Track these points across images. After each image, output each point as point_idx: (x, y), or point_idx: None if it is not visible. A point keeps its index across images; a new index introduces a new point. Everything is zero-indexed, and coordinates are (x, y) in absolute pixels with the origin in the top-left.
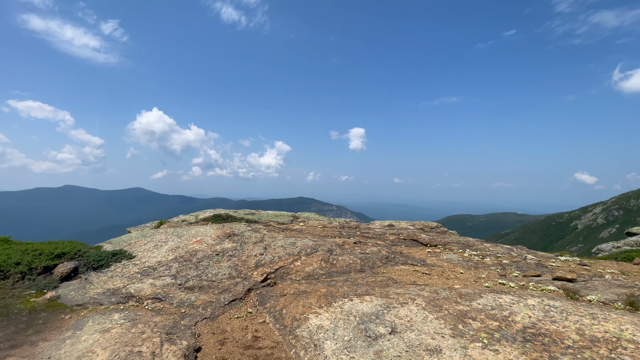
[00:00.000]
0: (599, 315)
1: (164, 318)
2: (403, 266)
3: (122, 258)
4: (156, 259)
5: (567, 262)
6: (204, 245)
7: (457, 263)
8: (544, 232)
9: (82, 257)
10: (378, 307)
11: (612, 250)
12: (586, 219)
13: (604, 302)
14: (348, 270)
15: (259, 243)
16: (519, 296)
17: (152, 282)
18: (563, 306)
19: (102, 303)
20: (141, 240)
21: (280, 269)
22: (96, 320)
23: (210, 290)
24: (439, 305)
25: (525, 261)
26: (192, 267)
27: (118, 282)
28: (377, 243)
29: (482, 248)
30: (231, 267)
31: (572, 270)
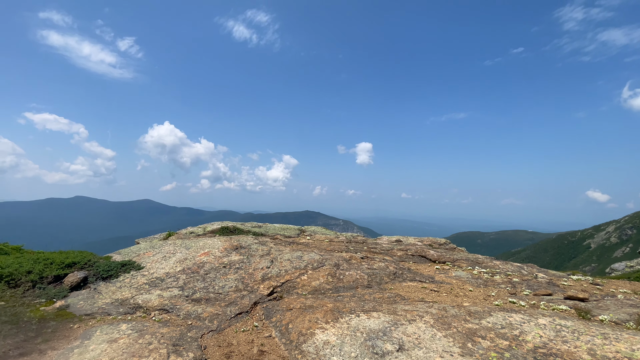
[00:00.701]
0: (611, 335)
1: (171, 329)
2: (411, 283)
3: (130, 269)
4: (164, 270)
5: (579, 281)
6: (212, 258)
7: (467, 280)
8: (556, 250)
9: (92, 267)
10: (385, 324)
11: (625, 270)
12: (599, 238)
13: (615, 322)
14: (355, 286)
15: (265, 256)
16: (529, 315)
17: (159, 294)
18: (575, 326)
19: (110, 313)
20: (150, 251)
21: (287, 282)
22: (104, 330)
23: (217, 303)
24: (447, 322)
25: (536, 280)
26: (199, 279)
27: (126, 292)
28: (384, 259)
29: (492, 265)
30: (238, 280)
31: (584, 289)
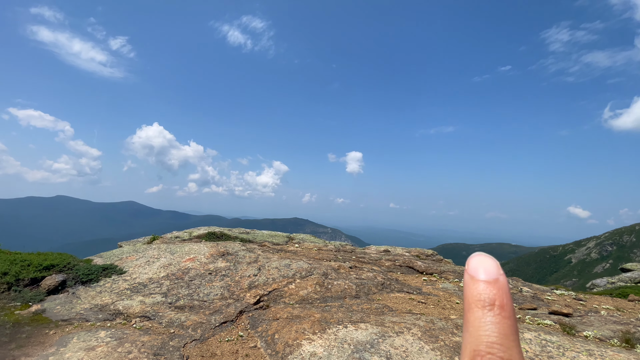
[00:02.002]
0: (596, 352)
1: (152, 338)
2: (399, 294)
3: (112, 273)
4: (147, 275)
5: (563, 296)
6: (197, 264)
7: (453, 293)
8: (538, 264)
9: (71, 270)
10: (373, 336)
11: (606, 286)
12: (580, 253)
13: (600, 338)
14: (343, 296)
15: (253, 263)
16: None
17: (141, 300)
18: (560, 341)
19: (89, 319)
20: (133, 255)
21: (274, 291)
22: (81, 337)
23: (201, 311)
24: (435, 335)
25: (521, 293)
26: (183, 286)
27: (107, 297)
28: (372, 269)
29: None
30: (224, 288)
31: (568, 304)
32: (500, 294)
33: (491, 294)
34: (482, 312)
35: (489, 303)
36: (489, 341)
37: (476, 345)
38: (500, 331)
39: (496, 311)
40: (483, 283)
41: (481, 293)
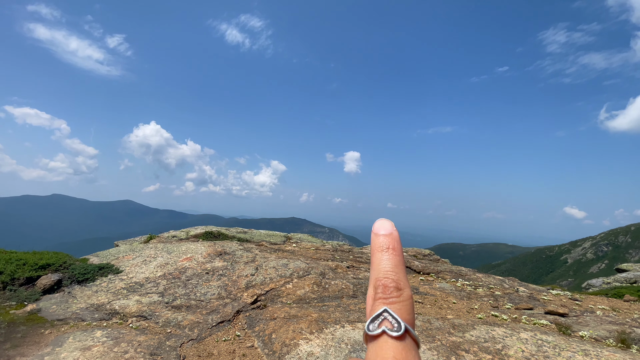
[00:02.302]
0: (592, 352)
1: (149, 338)
2: None
3: (108, 272)
4: (144, 274)
5: (559, 296)
6: (194, 263)
7: (450, 292)
8: (534, 264)
9: (67, 270)
10: None
11: (602, 286)
12: (576, 253)
13: (595, 338)
14: (340, 296)
15: (250, 263)
16: (511, 329)
17: (138, 299)
18: (556, 341)
19: (85, 319)
20: (129, 254)
21: (271, 291)
22: (77, 337)
23: (198, 311)
24: (431, 335)
25: (518, 293)
26: (180, 285)
27: (103, 297)
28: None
29: (475, 278)
30: (221, 287)
31: (563, 304)
32: (393, 241)
33: (387, 241)
34: (381, 254)
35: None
36: (385, 270)
37: (377, 274)
38: (393, 263)
39: (390, 252)
40: (382, 236)
41: (381, 242)
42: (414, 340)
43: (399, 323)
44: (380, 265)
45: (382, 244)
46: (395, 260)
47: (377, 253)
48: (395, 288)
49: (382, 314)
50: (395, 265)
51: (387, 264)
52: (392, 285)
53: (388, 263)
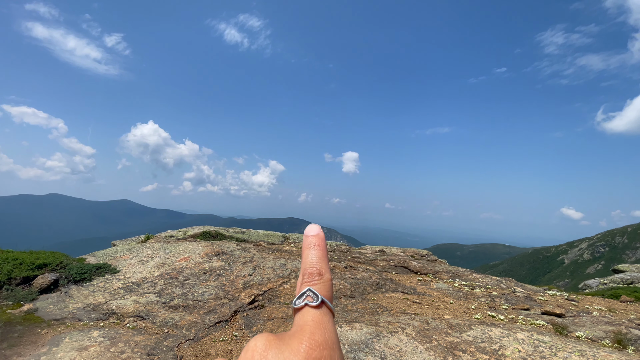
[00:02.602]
0: (588, 353)
1: (146, 338)
2: (393, 294)
3: (105, 272)
4: (141, 274)
5: (555, 297)
6: (192, 263)
7: (447, 293)
8: (531, 265)
9: (64, 269)
10: (368, 336)
11: (599, 287)
12: (572, 254)
13: (592, 338)
14: (338, 296)
15: (248, 263)
16: (508, 329)
17: (135, 299)
18: (552, 342)
19: (82, 319)
20: (127, 254)
21: (269, 291)
22: (74, 337)
23: (195, 311)
24: (429, 335)
25: (515, 294)
26: (178, 285)
27: (100, 297)
28: (367, 268)
29: (472, 278)
30: (218, 287)
31: (560, 305)
32: (319, 240)
33: (314, 240)
34: (309, 250)
35: (313, 245)
36: (311, 261)
37: (305, 265)
38: (317, 256)
39: (316, 248)
40: (310, 237)
41: (310, 241)
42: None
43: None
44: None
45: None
46: (319, 253)
47: (306, 249)
48: (317, 274)
49: (306, 292)
50: (319, 257)
51: (313, 257)
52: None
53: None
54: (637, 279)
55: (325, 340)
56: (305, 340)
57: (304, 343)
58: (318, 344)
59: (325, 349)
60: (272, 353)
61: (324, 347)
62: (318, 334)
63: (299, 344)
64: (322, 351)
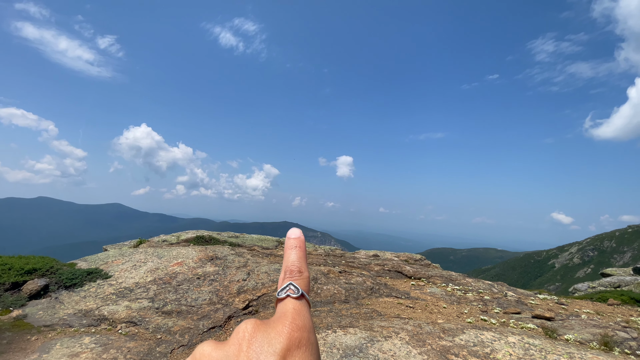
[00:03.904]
0: (576, 355)
1: (139, 344)
2: (387, 298)
3: (97, 277)
4: (134, 280)
5: (546, 300)
6: (185, 268)
7: (441, 297)
8: (523, 269)
9: (54, 275)
10: (362, 340)
11: (587, 290)
12: (563, 258)
13: (580, 341)
14: (332, 301)
15: (242, 268)
16: (500, 333)
17: (127, 305)
18: (542, 345)
19: (72, 325)
20: (119, 259)
21: (263, 296)
22: (64, 344)
23: (189, 316)
24: (422, 339)
25: (506, 298)
26: (171, 291)
27: (91, 303)
28: (362, 273)
29: (465, 283)
30: (212, 292)
31: (550, 308)
32: (299, 242)
33: (295, 242)
34: (290, 250)
35: (294, 246)
36: (292, 260)
37: (286, 264)
38: (297, 256)
39: (297, 249)
40: (292, 239)
41: (291, 243)
42: (307, 301)
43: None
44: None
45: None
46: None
47: (287, 250)
48: (298, 271)
49: (288, 285)
50: (299, 257)
51: (294, 257)
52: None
53: (294, 256)
54: (624, 283)
55: (304, 324)
56: (288, 324)
57: (287, 326)
58: (298, 327)
59: (304, 331)
60: (259, 334)
61: (304, 329)
62: (298, 319)
63: (282, 326)
64: (302, 333)
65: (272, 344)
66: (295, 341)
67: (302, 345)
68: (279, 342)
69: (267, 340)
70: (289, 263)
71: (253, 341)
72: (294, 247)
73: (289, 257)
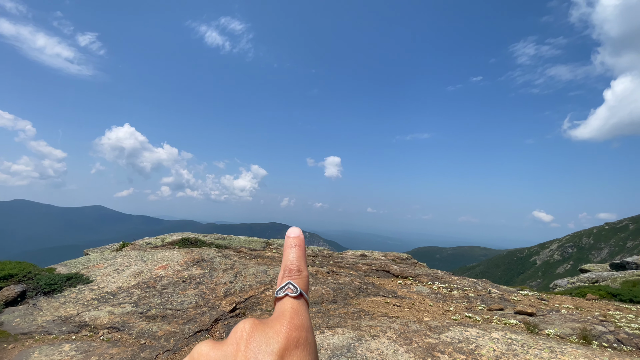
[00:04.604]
0: (556, 349)
1: (121, 350)
2: (375, 298)
3: (77, 282)
4: (116, 284)
5: (528, 297)
6: (170, 271)
7: (427, 295)
8: (506, 266)
9: (32, 280)
10: (350, 340)
11: (567, 286)
12: (544, 255)
13: (560, 335)
14: (320, 301)
15: (229, 270)
16: (484, 329)
17: (110, 310)
18: (524, 340)
19: (52, 332)
20: (100, 263)
21: (251, 298)
22: (43, 352)
23: (174, 320)
24: (409, 338)
25: (490, 295)
26: (155, 295)
27: (71, 309)
28: (350, 273)
29: (450, 281)
30: (198, 296)
31: (532, 304)
32: (299, 241)
33: (294, 241)
34: (290, 249)
35: (293, 245)
36: (292, 259)
37: (286, 262)
38: (297, 255)
39: (296, 248)
40: (291, 238)
41: (291, 242)
42: (306, 300)
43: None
44: (289, 256)
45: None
46: (299, 253)
47: (287, 249)
48: (297, 270)
49: (287, 284)
50: (298, 256)
51: (293, 256)
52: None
53: (294, 255)
54: (601, 278)
55: (302, 324)
56: (286, 324)
57: (285, 326)
58: (296, 326)
59: (302, 330)
60: (257, 333)
61: (302, 329)
62: (296, 319)
63: (281, 326)
64: (300, 332)
65: (270, 344)
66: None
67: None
68: (277, 341)
69: (265, 339)
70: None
71: (251, 340)
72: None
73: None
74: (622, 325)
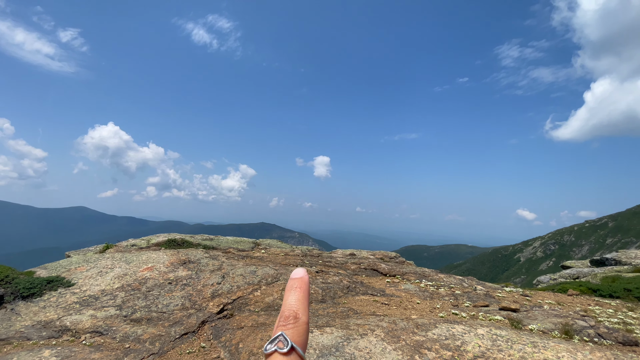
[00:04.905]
0: (539, 344)
1: (104, 355)
2: (363, 296)
3: (58, 286)
4: (99, 287)
5: (512, 293)
6: (156, 273)
7: (414, 293)
8: (491, 263)
9: (10, 284)
10: (338, 339)
11: (549, 282)
12: (527, 252)
13: (543, 331)
14: (309, 301)
15: (216, 271)
16: (469, 326)
17: (92, 314)
18: (508, 335)
19: (31, 338)
20: (83, 265)
21: (239, 299)
22: (22, 358)
23: (160, 323)
24: (397, 335)
25: (475, 292)
26: (140, 297)
27: (52, 313)
28: (338, 272)
29: (437, 279)
30: (185, 297)
31: (515, 300)
32: (301, 282)
33: (297, 283)
34: (290, 292)
35: (295, 287)
36: (290, 303)
37: (283, 307)
38: (297, 298)
39: (297, 290)
40: (294, 279)
41: (292, 283)
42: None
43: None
44: (288, 300)
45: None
46: (299, 296)
47: (288, 291)
48: (293, 317)
49: (278, 337)
50: (298, 299)
51: (293, 299)
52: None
53: (293, 298)
54: (582, 274)
55: None
56: None
57: None
58: None
59: None
60: None
61: None
62: None
63: None
64: None
65: None
66: None
67: None
68: None
69: None
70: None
71: None
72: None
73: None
74: (602, 319)
